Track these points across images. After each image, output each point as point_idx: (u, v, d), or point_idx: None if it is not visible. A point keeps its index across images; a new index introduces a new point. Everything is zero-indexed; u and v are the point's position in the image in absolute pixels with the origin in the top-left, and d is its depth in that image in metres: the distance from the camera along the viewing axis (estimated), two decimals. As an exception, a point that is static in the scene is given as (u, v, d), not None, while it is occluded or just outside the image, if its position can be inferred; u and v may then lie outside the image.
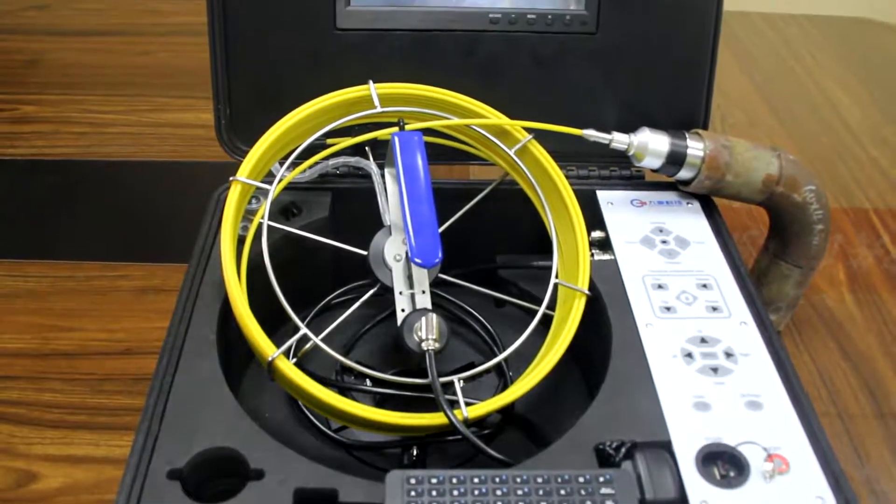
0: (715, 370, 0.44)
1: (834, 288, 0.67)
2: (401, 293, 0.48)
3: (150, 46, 0.98)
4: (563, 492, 0.36)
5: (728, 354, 0.45)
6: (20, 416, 0.55)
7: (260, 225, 0.48)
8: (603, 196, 0.55)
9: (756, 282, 0.57)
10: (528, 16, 0.55)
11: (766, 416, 0.42)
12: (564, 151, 0.54)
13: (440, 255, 0.45)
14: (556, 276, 0.49)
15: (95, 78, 0.91)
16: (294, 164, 0.51)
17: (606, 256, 0.51)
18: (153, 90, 0.89)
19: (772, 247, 0.57)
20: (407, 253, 0.48)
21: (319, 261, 0.54)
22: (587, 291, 0.48)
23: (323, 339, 0.45)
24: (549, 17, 0.55)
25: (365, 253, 0.49)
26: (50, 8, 1.06)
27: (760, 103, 0.91)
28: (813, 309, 0.64)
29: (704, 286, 0.49)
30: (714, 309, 0.48)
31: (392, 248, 0.49)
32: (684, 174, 0.53)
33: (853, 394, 0.57)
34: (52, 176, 0.78)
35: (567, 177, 0.52)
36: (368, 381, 0.48)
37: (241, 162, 0.49)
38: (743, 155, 0.53)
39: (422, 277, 0.48)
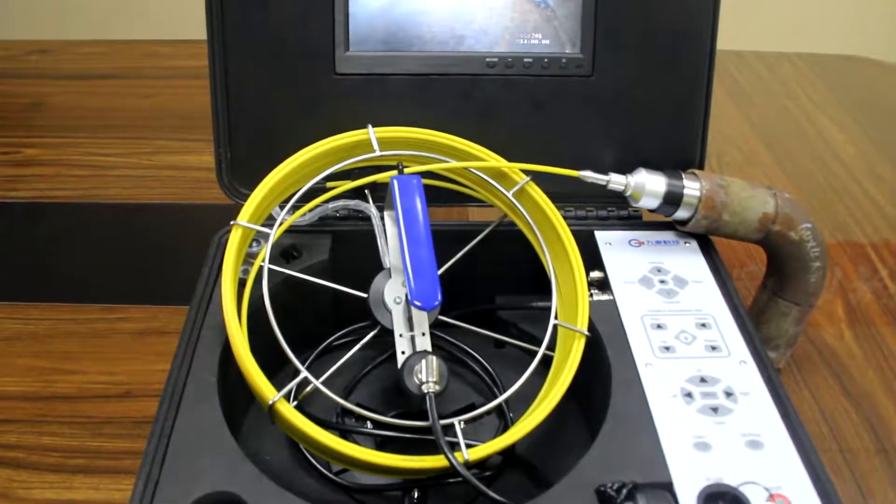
0: (715, 410, 0.44)
1: (833, 324, 0.67)
2: (401, 335, 0.48)
3: (151, 90, 0.99)
4: (564, 535, 0.36)
5: (728, 394, 0.45)
6: (19, 460, 0.55)
7: (260, 268, 0.48)
8: (601, 236, 0.56)
9: (755, 320, 0.57)
10: (525, 60, 0.56)
11: (767, 456, 0.42)
12: (562, 192, 0.54)
13: (440, 297, 0.46)
14: (556, 317, 0.49)
15: (97, 121, 0.92)
16: (294, 208, 0.51)
17: (605, 297, 0.51)
18: (154, 133, 0.90)
19: (770, 285, 0.57)
20: (407, 295, 0.48)
21: (320, 303, 0.55)
22: (586, 332, 0.48)
23: (323, 382, 0.45)
24: (546, 60, 0.56)
25: (365, 295, 0.50)
26: (53, 52, 1.07)
27: (756, 141, 0.92)
28: (812, 345, 0.64)
29: (703, 325, 0.49)
30: (713, 348, 0.48)
31: (392, 291, 0.49)
32: (681, 214, 0.54)
33: (855, 430, 0.57)
34: (53, 218, 0.78)
35: (565, 217, 0.52)
36: (369, 424, 0.48)
37: (242, 205, 0.49)
38: (739, 194, 0.53)
39: (422, 320, 0.48)
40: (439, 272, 0.47)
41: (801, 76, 1.06)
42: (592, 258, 0.54)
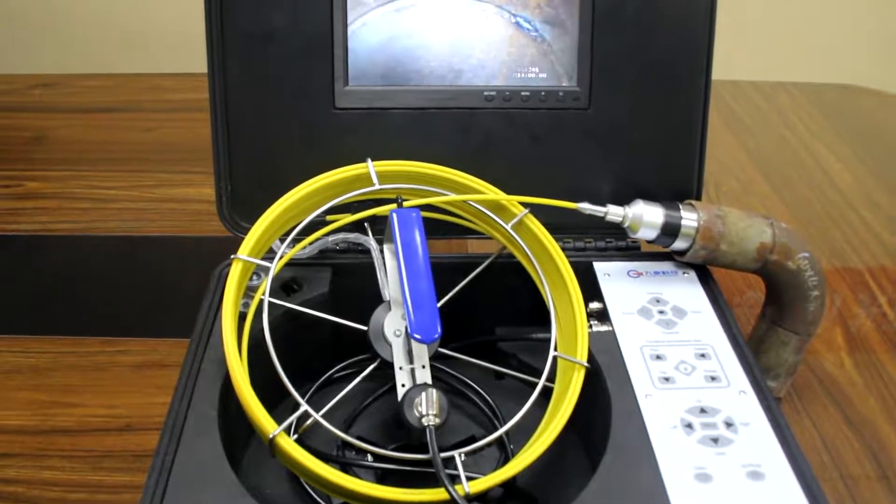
0: (715, 440, 0.44)
1: (833, 352, 0.67)
2: (401, 368, 0.48)
3: (152, 123, 1.00)
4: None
5: (728, 424, 0.45)
6: (19, 495, 0.54)
7: (261, 301, 0.48)
8: (600, 267, 0.56)
9: (754, 349, 0.57)
10: (522, 93, 0.57)
11: (769, 486, 0.42)
12: (560, 224, 0.54)
13: (439, 330, 0.46)
14: (555, 349, 0.50)
15: (99, 154, 0.93)
16: (295, 241, 0.52)
17: (604, 328, 0.51)
18: (155, 165, 0.90)
19: (769, 314, 0.57)
20: (406, 328, 0.48)
21: (320, 336, 0.55)
22: (586, 364, 0.48)
23: (324, 415, 0.45)
24: (543, 93, 0.57)
25: (365, 328, 0.50)
26: (56, 86, 1.08)
27: (753, 170, 0.93)
28: (813, 374, 0.64)
29: (703, 356, 0.50)
30: (713, 378, 0.48)
31: (392, 324, 0.50)
32: (679, 245, 0.54)
33: (856, 458, 0.57)
34: (54, 251, 0.78)
35: (563, 249, 0.53)
36: (370, 457, 0.48)
37: (243, 238, 0.50)
38: (736, 224, 0.54)
39: (421, 352, 0.49)
40: (439, 304, 0.48)
41: (797, 105, 1.07)
42: (591, 289, 0.54)
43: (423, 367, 0.48)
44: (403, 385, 0.48)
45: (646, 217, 0.53)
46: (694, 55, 0.57)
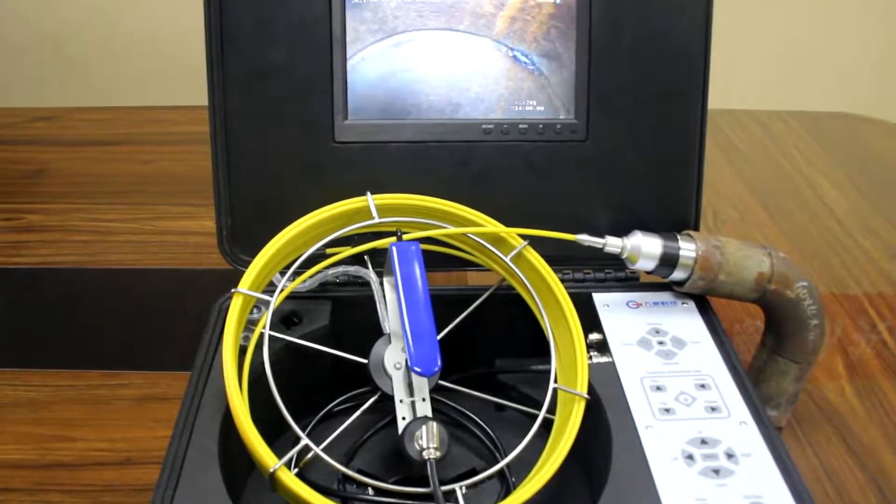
0: (717, 472, 0.44)
1: (833, 380, 0.67)
2: (401, 401, 0.48)
3: (153, 155, 1.00)
4: None
5: (729, 455, 0.45)
6: (19, 530, 0.54)
7: (261, 335, 0.48)
8: (599, 298, 0.56)
9: (755, 378, 0.57)
10: (520, 126, 0.57)
11: (771, 519, 0.42)
12: (559, 255, 0.55)
13: (439, 363, 0.46)
14: (556, 381, 0.50)
15: (100, 186, 0.94)
16: (295, 274, 0.52)
17: (604, 359, 0.51)
18: (156, 198, 0.91)
19: (769, 343, 0.57)
20: (407, 361, 0.48)
21: (320, 369, 0.55)
22: (586, 395, 0.48)
23: (324, 448, 0.45)
24: (541, 126, 0.57)
25: (365, 361, 0.50)
26: (57, 119, 1.09)
27: (751, 199, 0.93)
28: (814, 403, 0.64)
29: (703, 386, 0.50)
30: (713, 409, 0.48)
31: (392, 357, 0.50)
32: (678, 275, 0.54)
33: (859, 487, 0.57)
34: (54, 285, 0.79)
35: (562, 280, 0.53)
36: (370, 490, 0.48)
37: (243, 271, 0.50)
38: (734, 254, 0.54)
39: (422, 385, 0.49)
40: (439, 337, 0.48)
41: (792, 133, 1.08)
42: (591, 320, 0.54)
43: (424, 399, 0.48)
44: (404, 418, 0.48)
45: (644, 248, 0.54)
46: (690, 86, 0.58)
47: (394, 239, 0.51)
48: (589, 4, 0.56)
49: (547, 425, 0.49)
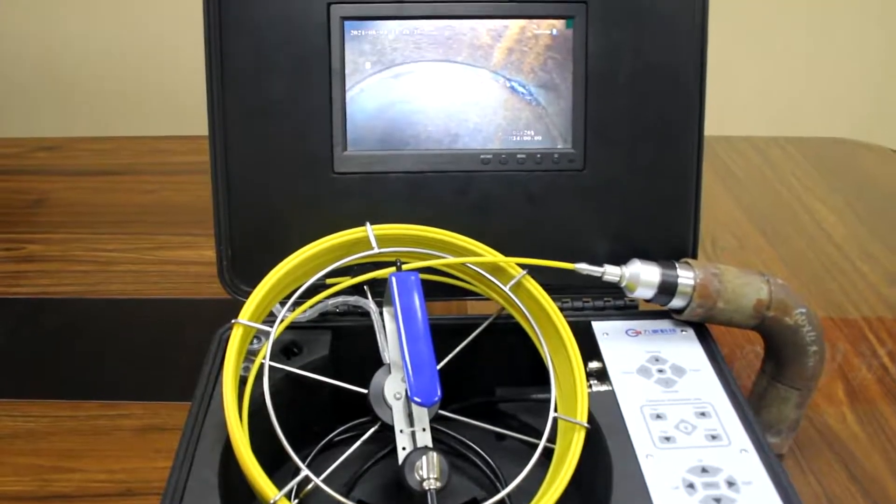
0: (718, 501, 0.44)
1: (834, 406, 0.67)
2: (401, 431, 0.48)
3: (153, 185, 1.01)
4: None
5: (730, 483, 0.45)
6: (17, 564, 0.54)
7: (262, 365, 0.48)
8: (598, 327, 0.56)
9: (755, 405, 0.57)
10: (518, 156, 0.58)
11: (772, 548, 0.42)
12: (558, 284, 0.55)
13: (439, 393, 0.46)
14: (555, 410, 0.50)
15: (101, 216, 0.94)
16: (295, 304, 0.52)
17: (604, 388, 0.51)
18: (156, 228, 0.91)
19: (768, 370, 0.58)
20: (407, 391, 0.49)
21: (320, 399, 0.55)
22: (586, 424, 0.48)
23: (325, 479, 0.45)
24: (538, 156, 0.58)
25: (365, 391, 0.50)
26: (59, 149, 1.10)
27: (749, 225, 0.94)
28: (815, 429, 0.64)
29: (703, 414, 0.50)
30: (713, 437, 0.48)
31: (392, 387, 0.50)
32: (676, 303, 0.55)
33: (862, 516, 0.57)
34: (54, 315, 0.79)
35: (561, 309, 0.53)
36: (371, 521, 0.48)
37: (243, 301, 0.50)
38: (732, 282, 0.54)
39: (422, 415, 0.49)
40: (438, 367, 0.48)
41: (790, 159, 1.08)
42: (590, 348, 0.55)
43: (424, 429, 0.48)
44: (404, 448, 0.48)
45: (642, 276, 0.54)
46: (686, 114, 0.58)
47: (393, 269, 0.52)
48: (585, 36, 0.57)
49: (548, 454, 0.49)
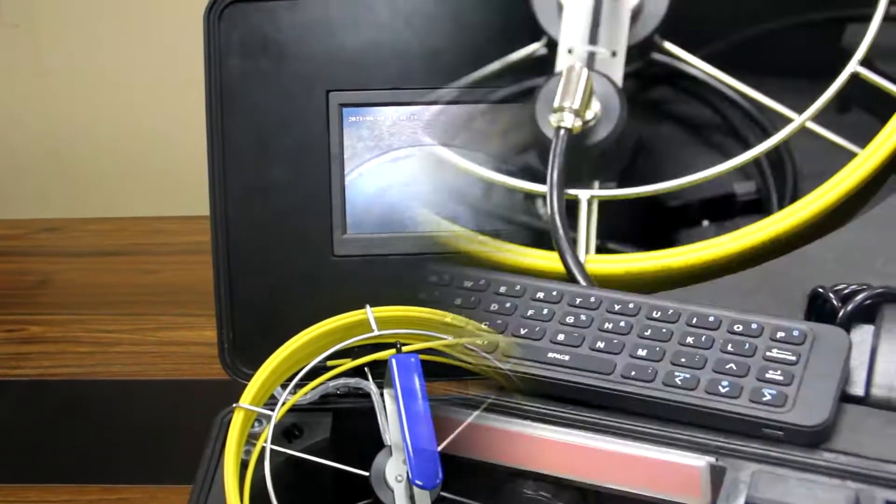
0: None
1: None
2: (403, 514, 0.48)
3: (154, 266, 1.01)
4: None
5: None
6: None
7: (263, 449, 0.48)
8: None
9: None
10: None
11: None
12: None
13: (441, 475, 0.46)
14: (556, 490, 0.50)
15: (103, 297, 0.94)
16: (296, 387, 0.52)
17: (605, 466, 0.51)
18: (157, 308, 0.92)
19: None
20: (408, 473, 0.48)
21: (322, 482, 0.55)
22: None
23: (326, 566, 0.45)
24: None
25: (367, 474, 0.50)
26: (62, 230, 1.11)
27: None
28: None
29: None
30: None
31: (393, 469, 0.50)
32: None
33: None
34: (54, 397, 0.79)
35: (561, 387, 0.53)
36: None
37: (244, 383, 0.50)
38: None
39: (423, 498, 0.48)
40: (440, 448, 0.48)
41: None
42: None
43: (426, 512, 0.48)
44: (406, 531, 0.48)
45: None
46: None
47: (393, 351, 0.52)
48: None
49: None
